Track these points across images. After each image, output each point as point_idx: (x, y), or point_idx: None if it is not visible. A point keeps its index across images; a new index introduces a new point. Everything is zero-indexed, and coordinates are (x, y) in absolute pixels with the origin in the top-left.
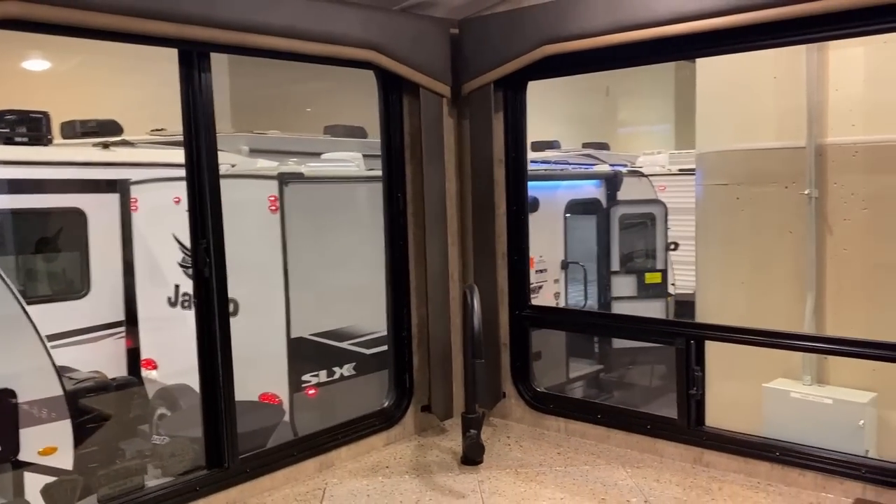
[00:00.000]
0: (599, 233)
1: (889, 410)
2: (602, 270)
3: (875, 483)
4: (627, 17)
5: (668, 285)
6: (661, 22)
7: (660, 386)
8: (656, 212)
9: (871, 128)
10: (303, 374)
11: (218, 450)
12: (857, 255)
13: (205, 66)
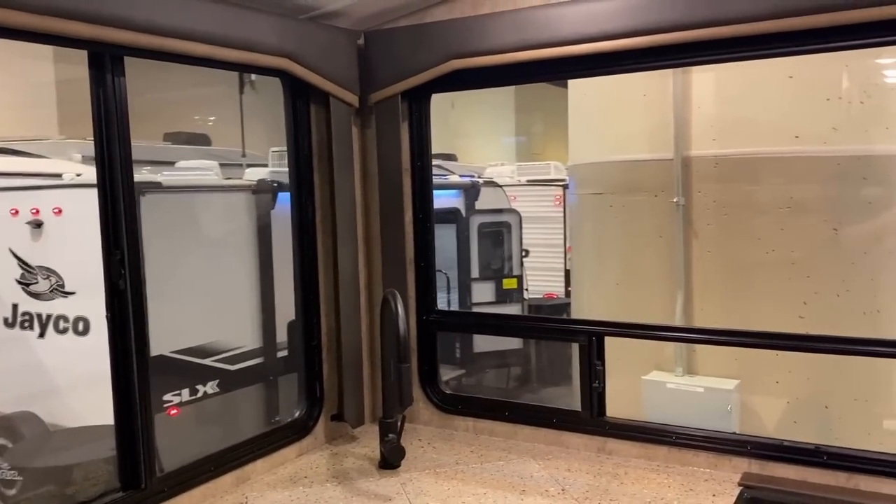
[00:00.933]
0: (460, 241)
1: (749, 395)
2: (463, 277)
3: (759, 458)
4: (534, 36)
5: (523, 290)
6: (565, 42)
7: (516, 387)
8: (511, 220)
9: (727, 142)
10: (164, 394)
11: (135, 470)
12: (720, 256)
13: (118, 70)
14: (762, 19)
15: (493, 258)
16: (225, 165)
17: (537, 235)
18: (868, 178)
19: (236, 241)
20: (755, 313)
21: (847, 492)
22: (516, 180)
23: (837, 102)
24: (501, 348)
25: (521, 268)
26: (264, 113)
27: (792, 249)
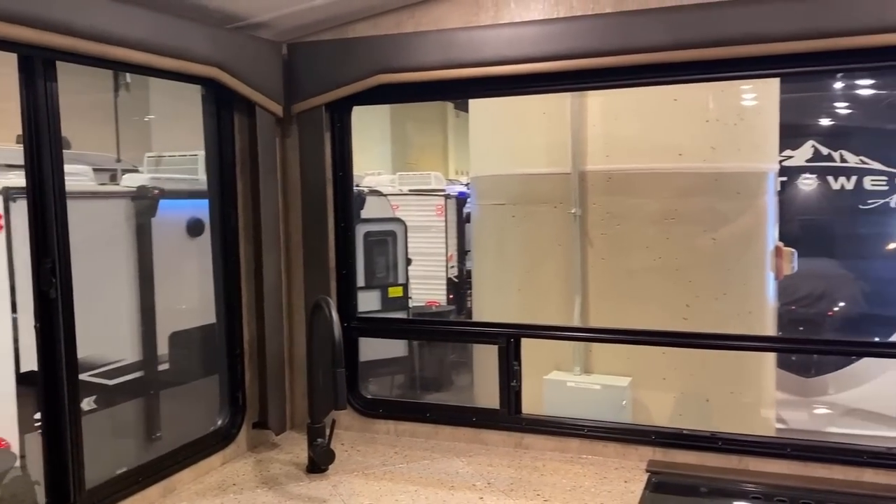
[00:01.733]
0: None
1: (640, 390)
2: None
3: (662, 446)
4: (458, 56)
5: (407, 299)
6: (488, 63)
7: (400, 395)
8: (397, 229)
9: (619, 158)
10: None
11: (63, 485)
12: (612, 263)
13: (51, 74)
14: (666, 50)
15: (379, 267)
16: (99, 171)
17: (419, 244)
18: (741, 193)
19: (114, 250)
20: (644, 315)
21: (739, 472)
22: (398, 189)
23: (715, 124)
24: (385, 357)
25: (406, 276)
26: (140, 116)
27: (676, 257)
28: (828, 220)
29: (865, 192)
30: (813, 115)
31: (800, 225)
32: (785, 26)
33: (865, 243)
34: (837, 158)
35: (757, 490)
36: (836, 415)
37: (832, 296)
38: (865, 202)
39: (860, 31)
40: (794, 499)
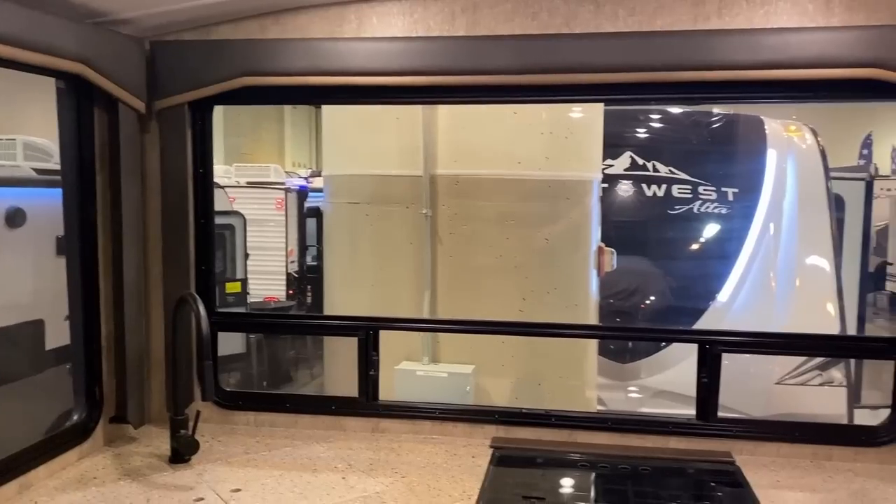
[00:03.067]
0: None
1: (482, 377)
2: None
3: (504, 424)
4: (323, 64)
5: (246, 294)
6: (351, 73)
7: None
8: (235, 223)
9: (466, 164)
10: None
11: None
12: (459, 260)
13: None
14: (511, 73)
15: (217, 261)
16: None
17: (258, 238)
18: (570, 199)
19: None
20: (486, 308)
21: (570, 444)
22: (234, 182)
23: (549, 136)
24: (222, 354)
25: (244, 271)
26: None
27: (515, 255)
28: (642, 224)
29: (674, 198)
30: (631, 129)
31: (618, 227)
32: (611, 59)
33: (673, 244)
34: (651, 168)
35: (584, 459)
36: (646, 397)
37: (645, 290)
38: (673, 208)
39: (672, 67)
40: (613, 465)
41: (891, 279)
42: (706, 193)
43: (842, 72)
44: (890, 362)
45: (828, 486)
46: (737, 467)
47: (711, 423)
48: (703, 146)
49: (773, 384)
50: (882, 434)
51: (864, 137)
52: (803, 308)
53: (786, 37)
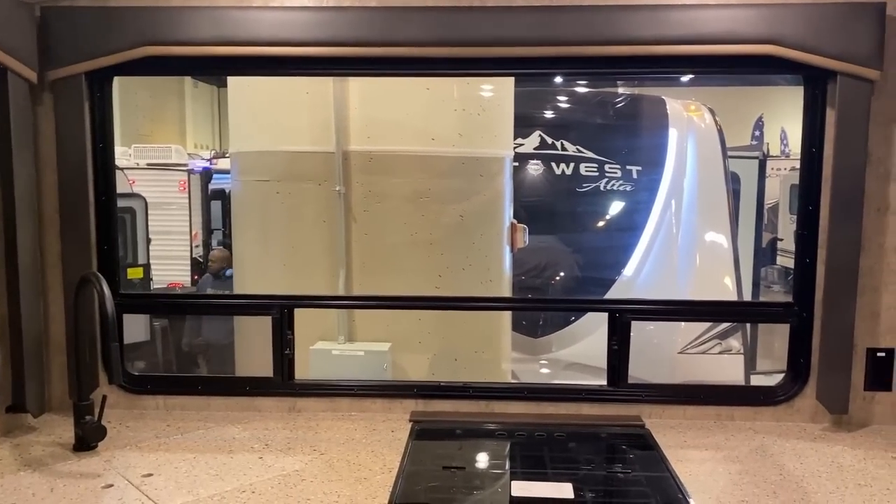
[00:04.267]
0: None
1: (399, 354)
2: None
3: (423, 398)
4: (231, 33)
5: (149, 280)
6: (260, 42)
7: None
8: (136, 206)
9: (379, 140)
10: None
11: None
12: (374, 238)
13: None
14: (423, 45)
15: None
16: None
17: (161, 222)
18: (483, 175)
19: None
20: (402, 285)
21: (487, 415)
22: (133, 164)
23: (462, 113)
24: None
25: (147, 256)
26: None
27: (430, 232)
28: (552, 201)
29: (581, 177)
30: (540, 108)
31: (529, 205)
32: (521, 33)
33: (582, 221)
34: (559, 147)
35: (502, 428)
36: (558, 370)
37: (556, 266)
38: (581, 186)
39: (581, 42)
40: (530, 433)
41: (781, 254)
42: (612, 171)
43: (743, 48)
44: (780, 331)
45: (730, 443)
46: (646, 430)
47: (622, 388)
48: (609, 125)
49: (677, 354)
50: (779, 393)
51: (756, 119)
52: (704, 280)
53: (690, 13)
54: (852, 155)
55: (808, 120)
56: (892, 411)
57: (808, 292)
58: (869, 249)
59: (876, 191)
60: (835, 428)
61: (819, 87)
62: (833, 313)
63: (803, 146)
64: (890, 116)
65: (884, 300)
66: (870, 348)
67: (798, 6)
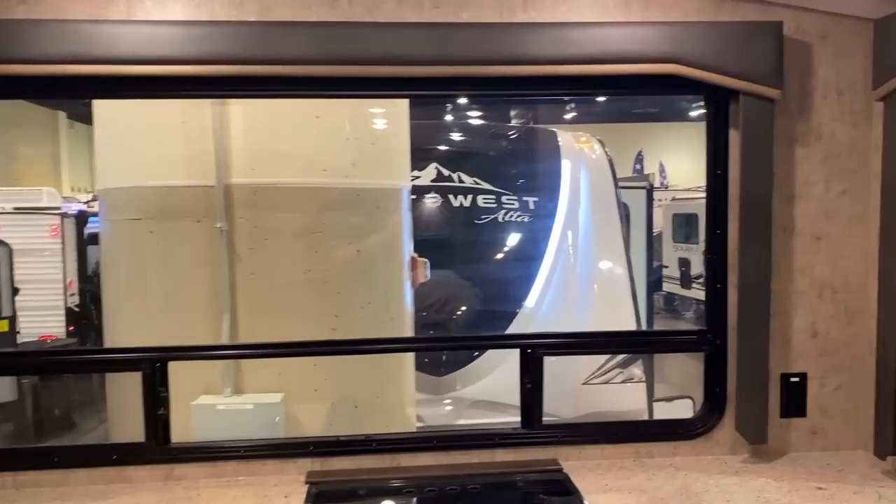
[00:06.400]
0: None
1: (293, 405)
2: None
3: (320, 455)
4: (84, 50)
5: (15, 333)
6: (120, 61)
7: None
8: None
9: (265, 172)
10: None
11: None
12: (262, 278)
13: None
14: (309, 63)
15: None
16: None
17: (30, 270)
18: (380, 207)
19: None
20: (295, 329)
21: (393, 469)
22: (1, 208)
23: (355, 142)
24: None
25: (12, 308)
26: None
27: (324, 269)
28: (451, 234)
29: (479, 208)
30: (435, 140)
31: (428, 238)
32: (416, 51)
33: (481, 253)
34: (456, 179)
35: (409, 484)
36: (463, 408)
37: (456, 300)
38: (479, 217)
39: (480, 61)
40: (441, 486)
41: (667, 280)
42: (509, 203)
43: (645, 67)
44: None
45: (653, 483)
46: (565, 474)
47: (536, 430)
48: (504, 157)
49: (581, 385)
50: (698, 426)
51: (636, 154)
52: (603, 309)
53: (592, 31)
54: (758, 176)
55: (713, 141)
56: (807, 438)
57: (720, 318)
58: (778, 272)
59: (781, 212)
60: (755, 459)
61: (721, 108)
62: (747, 339)
63: (708, 168)
64: (790, 136)
65: (794, 324)
66: (784, 374)
67: (699, 25)
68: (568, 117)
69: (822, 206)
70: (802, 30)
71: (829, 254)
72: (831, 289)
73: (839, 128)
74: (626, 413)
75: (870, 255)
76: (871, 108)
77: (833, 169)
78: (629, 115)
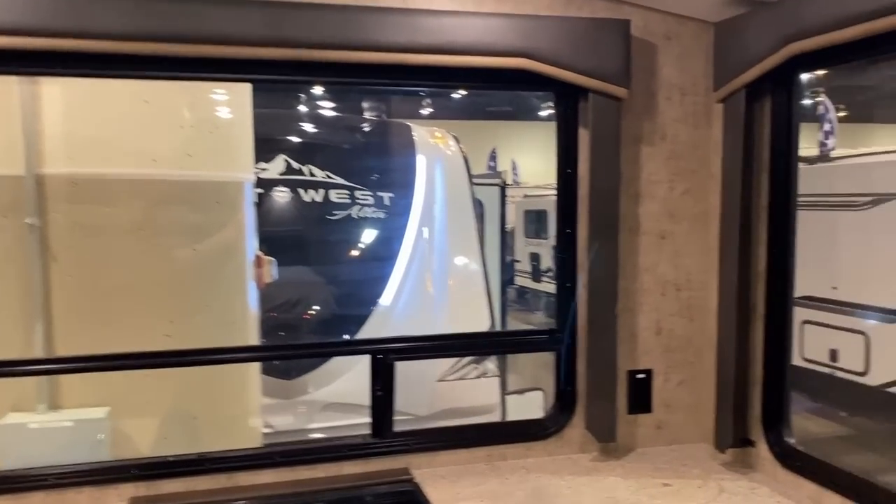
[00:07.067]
0: None
1: (121, 419)
2: None
3: (145, 479)
4: None
5: None
6: None
7: None
8: None
9: (86, 162)
10: None
11: None
12: (84, 280)
13: None
14: (130, 40)
15: None
16: None
17: None
18: (220, 202)
19: None
20: (125, 336)
21: (230, 490)
22: None
23: (191, 131)
24: None
25: None
26: None
27: (157, 270)
28: (302, 230)
29: (332, 204)
30: (284, 131)
31: (277, 235)
32: (253, 31)
33: (334, 251)
34: (307, 173)
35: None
36: (315, 411)
37: (308, 300)
38: (332, 213)
39: (326, 45)
40: None
41: (519, 275)
42: (363, 198)
43: (496, 60)
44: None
45: (506, 488)
46: (415, 484)
47: (387, 438)
48: (358, 151)
49: (436, 381)
50: (549, 426)
51: (490, 151)
52: (458, 306)
53: (443, 20)
54: (606, 175)
55: (562, 140)
56: (653, 433)
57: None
58: (624, 270)
59: (628, 211)
60: (604, 456)
61: (571, 106)
62: (596, 338)
63: (559, 167)
64: (636, 136)
65: (639, 321)
66: (630, 370)
67: (550, 19)
68: (424, 112)
69: (666, 206)
70: (648, 29)
71: (673, 252)
72: (675, 286)
73: (682, 128)
74: (480, 408)
75: (710, 253)
76: (711, 110)
77: (676, 169)
78: (483, 112)
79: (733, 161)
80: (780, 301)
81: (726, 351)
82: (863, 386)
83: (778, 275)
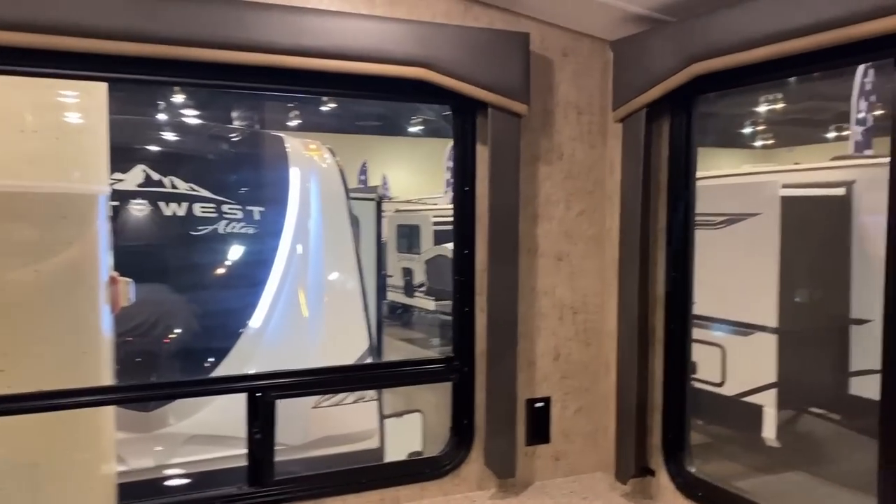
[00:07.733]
0: None
1: None
2: None
3: None
4: None
5: None
6: None
7: None
8: None
9: None
10: None
11: None
12: None
13: None
14: None
15: None
16: None
17: None
18: (68, 217)
19: None
20: None
21: None
22: None
23: (33, 135)
24: None
25: None
26: None
27: None
28: (162, 247)
29: (197, 218)
30: (144, 139)
31: (135, 252)
32: (110, 22)
33: (199, 269)
34: (168, 185)
35: None
36: (177, 445)
37: (168, 323)
38: (197, 228)
39: (193, 42)
40: None
41: (391, 289)
42: (232, 212)
43: (393, 69)
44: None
45: None
46: None
47: (266, 486)
48: (226, 162)
49: (311, 409)
50: (445, 463)
51: (361, 165)
52: (335, 326)
53: (334, 22)
54: (506, 194)
55: (460, 156)
56: (551, 464)
57: (468, 344)
58: (522, 294)
59: (526, 231)
60: (502, 493)
61: (469, 120)
62: (496, 366)
63: (456, 185)
64: (534, 154)
65: (538, 347)
66: (528, 399)
67: (450, 28)
68: (292, 124)
69: (563, 226)
70: (546, 45)
71: (570, 274)
72: (571, 310)
73: (578, 147)
74: (357, 434)
75: (606, 275)
76: (606, 129)
77: (573, 189)
78: (353, 126)
79: (633, 182)
80: (679, 324)
81: (626, 376)
82: (720, 396)
83: (677, 297)
